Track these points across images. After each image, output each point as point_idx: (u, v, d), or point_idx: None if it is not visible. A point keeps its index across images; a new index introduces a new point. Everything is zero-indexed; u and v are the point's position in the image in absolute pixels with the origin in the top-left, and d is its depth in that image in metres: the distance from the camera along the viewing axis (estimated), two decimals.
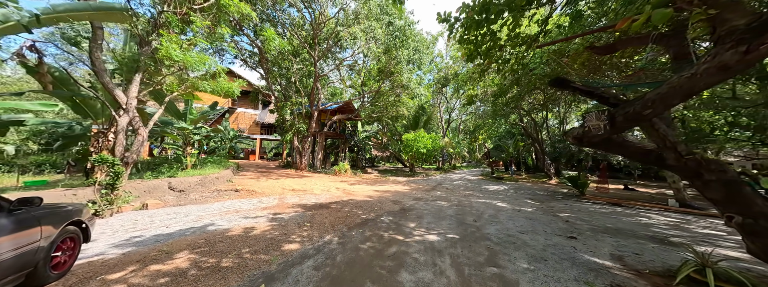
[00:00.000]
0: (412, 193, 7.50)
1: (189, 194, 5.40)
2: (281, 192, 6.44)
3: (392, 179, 11.77)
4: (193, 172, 6.44)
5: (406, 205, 5.64)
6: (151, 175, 5.17)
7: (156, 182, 4.95)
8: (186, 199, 4.77)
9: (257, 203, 4.95)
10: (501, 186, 10.64)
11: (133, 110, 3.93)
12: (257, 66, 11.57)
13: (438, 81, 19.97)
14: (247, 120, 23.01)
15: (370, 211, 4.85)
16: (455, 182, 11.50)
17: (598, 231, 3.99)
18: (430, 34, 15.87)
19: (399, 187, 8.74)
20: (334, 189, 7.48)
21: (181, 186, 5.48)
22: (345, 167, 11.70)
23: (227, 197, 5.45)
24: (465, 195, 7.54)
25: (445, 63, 21.27)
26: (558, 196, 8.17)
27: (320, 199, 5.83)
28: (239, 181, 7.92)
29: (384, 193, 7.21)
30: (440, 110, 26.14)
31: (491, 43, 3.18)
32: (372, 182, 9.94)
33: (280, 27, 11.44)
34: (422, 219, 4.40)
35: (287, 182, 8.47)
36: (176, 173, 5.96)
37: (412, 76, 11.88)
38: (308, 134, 13.13)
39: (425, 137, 13.67)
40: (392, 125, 20.37)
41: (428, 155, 14.49)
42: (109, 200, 3.38)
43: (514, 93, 9.87)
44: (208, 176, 6.67)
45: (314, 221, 3.93)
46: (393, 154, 21.94)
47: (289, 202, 5.25)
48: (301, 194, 6.40)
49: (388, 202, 5.88)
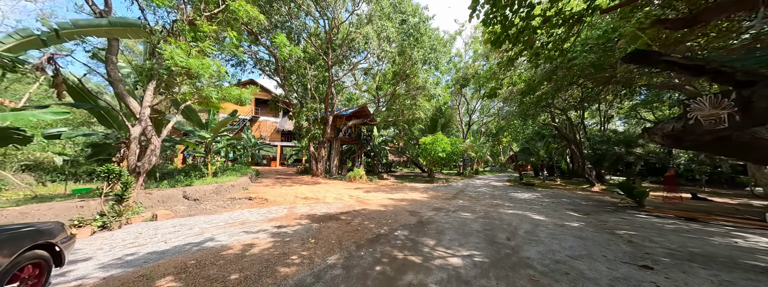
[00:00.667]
0: (430, 202, 6.85)
1: (203, 203, 5.37)
2: (293, 201, 6.21)
3: (409, 185, 11.14)
4: (210, 180, 6.51)
5: (425, 217, 5.03)
6: (167, 184, 5.23)
7: (171, 191, 4.96)
8: (197, 209, 4.70)
9: (265, 214, 4.72)
10: (532, 194, 9.47)
11: (146, 120, 3.98)
12: (274, 74, 11.88)
13: (456, 81, 19.08)
14: (268, 128, 24.02)
15: (383, 224, 4.35)
16: (479, 190, 10.53)
17: (682, 258, 3.05)
18: (447, 33, 15.25)
19: (416, 195, 8.12)
20: (348, 197, 7.10)
21: (196, 195, 5.47)
22: (360, 174, 11.35)
23: (238, 207, 5.32)
24: (492, 205, 6.69)
25: (464, 62, 20.32)
26: (607, 207, 6.93)
27: (331, 209, 5.47)
28: (255, 188, 7.91)
29: (400, 202, 6.66)
30: (460, 111, 25.01)
31: (523, 23, 2.56)
32: (388, 189, 9.43)
33: (295, 35, 11.72)
34: (443, 235, 3.79)
35: (301, 189, 8.30)
36: (193, 181, 6.02)
37: (429, 77, 11.32)
38: (323, 140, 13.10)
39: (444, 140, 12.89)
40: (409, 129, 19.81)
41: (448, 159, 13.63)
42: (118, 212, 3.33)
43: (545, 89, 8.83)
44: (224, 184, 6.69)
45: (320, 236, 3.53)
46: (410, 159, 21.26)
47: (298, 212, 4.95)
48: (312, 203, 6.11)
49: (404, 213, 5.32)
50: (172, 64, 3.44)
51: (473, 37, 18.45)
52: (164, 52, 3.40)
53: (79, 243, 3.01)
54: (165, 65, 3.72)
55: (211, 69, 3.83)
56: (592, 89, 9.58)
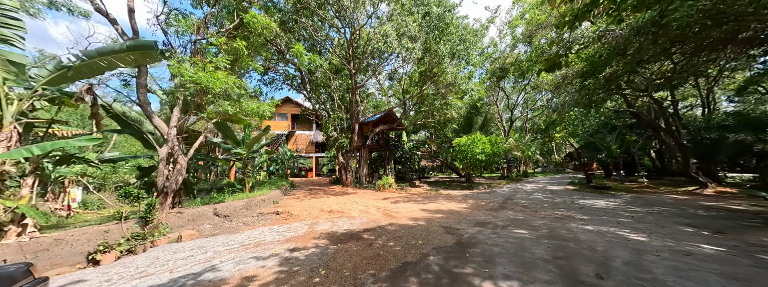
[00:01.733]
0: (471, 214, 5.72)
1: (232, 219, 5.41)
2: (317, 215, 5.87)
3: (445, 193, 9.96)
4: (241, 196, 6.70)
5: (465, 236, 4.04)
6: (200, 201, 5.44)
7: (203, 209, 5.11)
8: (222, 227, 4.68)
9: (284, 232, 4.40)
10: (612, 201, 7.32)
11: (173, 140, 4.18)
12: (301, 88, 12.38)
13: (492, 74, 17.14)
14: (304, 141, 25.55)
15: (411, 246, 3.55)
16: (532, 196, 8.72)
17: None
18: (477, 21, 13.84)
19: (453, 205, 7.01)
20: (374, 209, 6.48)
21: (226, 211, 5.57)
22: (389, 182, 10.68)
23: (262, 223, 5.19)
24: (556, 218, 5.20)
25: (501, 52, 18.20)
26: (750, 220, 4.71)
27: (354, 224, 4.90)
28: (285, 202, 7.95)
29: (433, 214, 5.72)
30: (499, 107, 22.50)
31: None
32: (420, 198, 8.50)
33: (319, 46, 12.10)
34: (494, 266, 2.81)
35: (328, 201, 8.04)
36: (226, 197, 6.22)
37: (460, 72, 10.20)
38: (351, 149, 12.96)
39: (482, 140, 11.37)
40: (441, 130, 18.49)
41: (489, 161, 11.95)
42: (143, 235, 3.38)
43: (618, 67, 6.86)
44: (255, 198, 6.81)
45: (333, 265, 2.95)
46: (444, 163, 19.71)
47: (318, 230, 4.51)
48: (336, 217, 5.66)
49: (438, 229, 4.41)
50: (185, 81, 3.50)
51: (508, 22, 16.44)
52: (172, 68, 3.50)
53: (98, 271, 3.04)
54: (180, 82, 3.84)
55: (223, 82, 3.81)
56: (690, 60, 7.08)
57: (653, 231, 4.13)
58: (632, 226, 4.47)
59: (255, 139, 8.56)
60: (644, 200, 7.32)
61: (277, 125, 24.94)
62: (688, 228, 4.31)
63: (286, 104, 25.48)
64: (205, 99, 4.53)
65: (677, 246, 3.34)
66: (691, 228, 4.32)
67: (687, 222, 4.73)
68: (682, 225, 4.55)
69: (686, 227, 4.37)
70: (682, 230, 4.16)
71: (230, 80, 3.92)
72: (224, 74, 3.99)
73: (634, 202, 7.09)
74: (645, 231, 4.11)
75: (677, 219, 4.94)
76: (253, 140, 8.55)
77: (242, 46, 4.50)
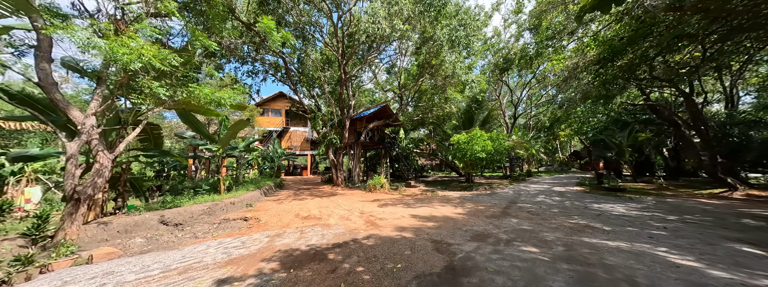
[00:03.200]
0: (468, 222, 4.82)
1: (184, 228, 4.56)
2: (288, 223, 5.01)
3: (441, 194, 9.07)
4: (205, 198, 5.85)
5: (459, 255, 3.16)
6: (143, 207, 4.58)
7: (145, 216, 4.26)
8: (161, 240, 3.81)
9: (235, 248, 3.54)
10: (630, 206, 6.39)
11: (89, 132, 3.30)
12: (285, 79, 11.44)
13: (495, 66, 16.04)
14: (298, 138, 24.69)
15: (385, 273, 2.68)
16: (538, 199, 7.80)
17: None
18: (480, 9, 12.74)
19: (448, 209, 6.12)
20: (357, 215, 5.60)
21: (179, 218, 4.72)
22: (380, 182, 9.80)
23: (217, 234, 4.33)
24: (571, 229, 4.29)
25: (505, 42, 17.02)
26: None
27: (326, 237, 4.03)
28: (261, 205, 7.10)
29: (424, 223, 4.84)
30: (502, 103, 21.45)
31: None
32: (412, 201, 7.61)
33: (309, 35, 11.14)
34: None
35: (310, 204, 7.18)
36: (182, 201, 5.37)
37: (460, 62, 9.20)
38: (342, 146, 12.07)
39: (483, 136, 10.42)
40: (440, 128, 17.54)
41: (490, 159, 11.02)
42: (23, 258, 2.50)
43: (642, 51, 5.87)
44: (221, 202, 5.96)
45: None
46: (443, 162, 18.80)
47: (277, 246, 3.65)
48: (310, 225, 4.80)
49: (426, 245, 3.52)
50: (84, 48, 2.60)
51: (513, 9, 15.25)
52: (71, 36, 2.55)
53: None
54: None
55: (139, 53, 2.85)
56: (721, 47, 6.08)
57: (703, 251, 3.21)
58: (671, 243, 3.55)
59: (230, 134, 7.68)
60: (670, 206, 6.37)
61: (271, 121, 24.03)
62: (744, 245, 3.39)
63: (280, 99, 24.50)
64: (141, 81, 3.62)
65: (751, 279, 2.42)
66: (748, 245, 3.40)
67: (738, 236, 3.80)
68: (733, 240, 3.63)
69: (741, 244, 3.44)
70: (739, 250, 3.23)
71: (151, 51, 2.98)
72: (148, 45, 3.06)
73: (659, 207, 6.15)
74: (692, 251, 3.19)
75: (723, 232, 4.02)
76: (228, 135, 7.67)
77: (172, 7, 3.54)
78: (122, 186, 4.54)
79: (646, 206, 6.37)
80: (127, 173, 4.62)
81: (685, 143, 9.79)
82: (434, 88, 11.81)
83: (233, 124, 7.45)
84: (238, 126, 7.38)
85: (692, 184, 10.48)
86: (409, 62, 13.79)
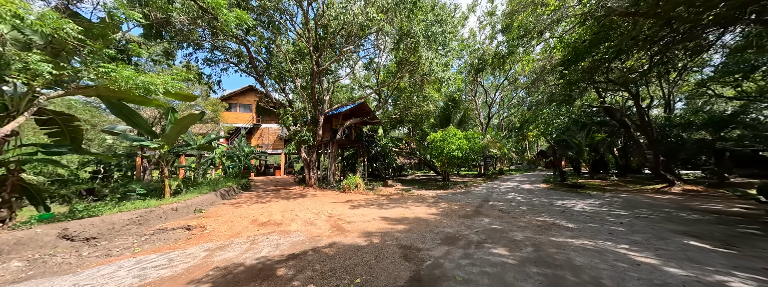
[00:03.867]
0: (441, 223, 4.61)
1: (98, 243, 3.68)
2: (239, 231, 4.34)
3: (417, 193, 8.90)
4: (135, 205, 4.89)
5: (427, 263, 2.86)
6: (33, 219, 3.60)
7: (36, 231, 3.31)
8: (49, 263, 2.94)
9: (157, 268, 2.86)
10: (590, 201, 6.76)
11: None
12: (250, 70, 10.38)
13: (471, 65, 16.41)
14: (271, 136, 23.09)
15: None
16: (508, 197, 7.98)
17: None
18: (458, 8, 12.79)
19: (422, 210, 5.89)
20: (324, 219, 5.10)
21: (92, 232, 3.81)
22: (355, 182, 9.35)
23: (140, 250, 3.55)
24: (539, 227, 4.28)
25: (480, 43, 17.51)
26: (745, 225, 4.17)
27: (280, 247, 3.49)
28: (214, 210, 6.23)
29: (394, 226, 4.51)
30: (477, 103, 22.15)
31: None
32: (387, 201, 7.29)
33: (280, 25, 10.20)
34: None
35: (273, 207, 6.48)
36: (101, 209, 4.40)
37: (437, 59, 9.05)
38: (316, 144, 11.34)
39: (458, 134, 10.48)
40: (419, 126, 17.53)
41: (465, 158, 11.15)
42: None
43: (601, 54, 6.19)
44: (159, 208, 5.04)
45: None
46: (422, 161, 18.88)
47: (215, 261, 3.03)
48: (266, 233, 4.19)
49: (394, 252, 3.19)
50: None
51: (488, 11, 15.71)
52: None
53: None
54: None
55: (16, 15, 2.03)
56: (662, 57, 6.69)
57: (657, 246, 3.31)
58: (629, 238, 3.64)
59: (177, 129, 6.61)
60: (623, 200, 6.85)
61: (239, 117, 22.07)
62: (691, 239, 3.59)
63: (250, 94, 22.57)
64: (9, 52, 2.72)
65: (704, 276, 2.46)
66: (693, 238, 3.61)
67: (684, 229, 4.06)
68: (681, 234, 3.86)
69: (688, 238, 3.65)
70: (687, 244, 3.39)
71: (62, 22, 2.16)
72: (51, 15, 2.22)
73: (614, 203, 6.57)
74: (649, 248, 3.27)
75: (671, 226, 4.29)
76: (174, 130, 6.60)
77: None
78: (8, 192, 3.51)
79: (603, 201, 6.78)
80: (16, 175, 3.59)
81: (634, 143, 10.83)
82: (413, 85, 11.63)
83: (181, 118, 6.43)
84: (186, 120, 6.38)
85: (639, 180, 11.66)
86: (388, 59, 13.48)
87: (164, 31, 7.78)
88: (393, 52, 11.24)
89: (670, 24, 4.93)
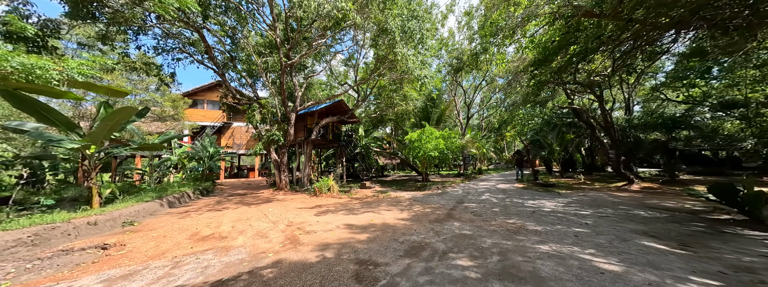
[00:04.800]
0: (408, 230, 4.26)
1: None
2: (166, 250, 3.64)
3: (393, 195, 8.55)
4: (32, 220, 3.96)
5: (380, 284, 2.45)
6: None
7: None
8: None
9: None
10: (559, 201, 6.84)
11: None
12: (208, 61, 9.35)
13: (450, 65, 16.43)
14: (244, 135, 21.56)
15: None
16: (483, 197, 7.90)
17: None
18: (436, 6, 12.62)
19: (392, 215, 5.52)
20: (280, 230, 4.53)
21: None
22: (328, 184, 8.78)
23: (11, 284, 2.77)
24: (508, 231, 4.08)
25: (458, 43, 17.61)
26: (697, 224, 4.30)
27: (208, 270, 2.90)
28: (152, 221, 5.36)
29: (357, 235, 4.08)
30: (457, 104, 22.40)
31: None
32: (359, 205, 6.84)
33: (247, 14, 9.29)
34: None
35: (226, 216, 5.74)
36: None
37: (413, 56, 8.75)
38: (287, 144, 10.57)
39: (435, 134, 10.30)
40: (400, 126, 17.28)
41: (443, 158, 11.03)
42: None
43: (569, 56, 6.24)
44: (69, 223, 4.15)
45: None
46: (404, 161, 18.67)
47: None
48: (197, 252, 3.54)
49: (346, 270, 2.74)
50: None
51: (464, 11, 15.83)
52: None
53: None
54: None
55: None
56: (623, 60, 6.96)
57: (620, 250, 3.20)
58: (594, 242, 3.53)
59: (107, 126, 5.59)
60: (589, 199, 7.02)
61: (206, 114, 20.30)
62: (650, 240, 3.56)
63: (219, 89, 20.88)
64: None
65: (665, 283, 2.32)
66: (653, 239, 3.59)
67: (642, 229, 4.08)
68: (640, 234, 3.85)
69: (647, 239, 3.62)
70: (648, 246, 3.33)
71: None
72: None
73: (580, 202, 6.68)
74: (612, 251, 3.15)
75: (631, 226, 4.31)
76: (102, 128, 5.58)
77: None
78: None
79: (571, 201, 6.89)
80: None
81: (599, 143, 11.41)
82: (392, 83, 11.27)
83: (112, 112, 5.47)
84: (119, 115, 5.42)
85: (603, 178, 12.33)
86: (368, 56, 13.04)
87: (98, 12, 6.65)
88: (372, 48, 10.81)
89: (630, 25, 5.03)
